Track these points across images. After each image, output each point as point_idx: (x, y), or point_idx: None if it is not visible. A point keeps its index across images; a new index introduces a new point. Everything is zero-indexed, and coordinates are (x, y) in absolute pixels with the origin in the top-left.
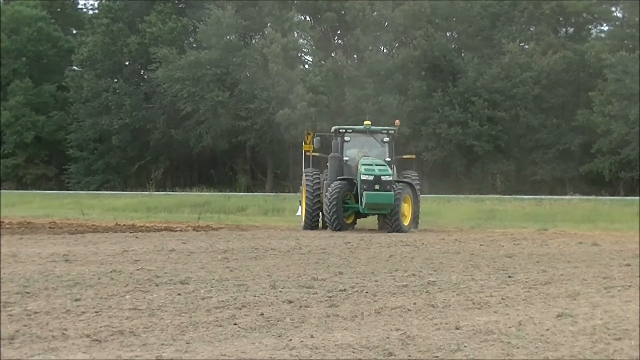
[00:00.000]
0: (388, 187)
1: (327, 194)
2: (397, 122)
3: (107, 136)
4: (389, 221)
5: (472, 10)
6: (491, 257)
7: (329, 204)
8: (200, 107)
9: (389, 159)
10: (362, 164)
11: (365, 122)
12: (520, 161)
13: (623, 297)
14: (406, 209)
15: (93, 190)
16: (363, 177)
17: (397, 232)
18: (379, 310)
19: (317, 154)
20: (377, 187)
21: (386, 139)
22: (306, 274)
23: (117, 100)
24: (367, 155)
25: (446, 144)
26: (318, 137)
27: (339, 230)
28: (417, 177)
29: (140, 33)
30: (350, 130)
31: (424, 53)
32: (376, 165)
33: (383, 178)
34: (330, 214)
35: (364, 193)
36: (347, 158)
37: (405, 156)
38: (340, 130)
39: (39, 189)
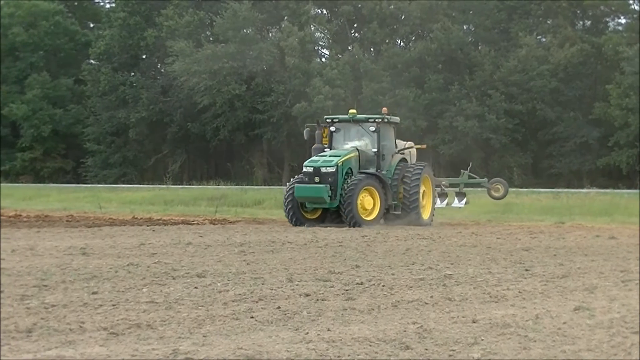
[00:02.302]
0: (330, 179)
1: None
2: (385, 109)
3: (124, 129)
4: (344, 215)
5: (489, 3)
6: (508, 250)
7: (284, 198)
8: (217, 100)
9: (375, 149)
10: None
11: (351, 111)
12: (537, 154)
13: None
14: (368, 202)
15: (110, 184)
16: (304, 169)
17: (354, 227)
18: (396, 303)
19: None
20: (316, 179)
21: (372, 128)
22: (323, 267)
23: (134, 94)
24: (355, 147)
25: (463, 137)
26: (308, 128)
27: (298, 225)
28: (420, 169)
29: (157, 26)
30: (337, 120)
31: (441, 46)
32: (330, 156)
33: (323, 170)
34: (285, 208)
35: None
36: (327, 150)
37: (415, 146)
38: (327, 120)
39: (56, 183)
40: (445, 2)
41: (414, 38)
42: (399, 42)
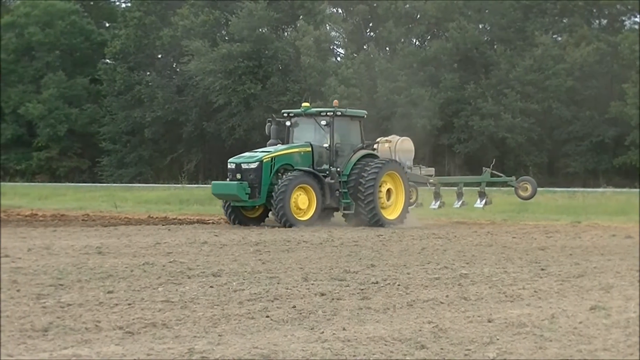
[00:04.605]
0: (251, 176)
1: None
2: (336, 102)
3: (139, 129)
4: (275, 215)
5: (505, 2)
6: (524, 249)
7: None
8: (233, 99)
9: (326, 145)
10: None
11: (304, 104)
12: (553, 153)
13: None
14: (303, 201)
15: (126, 183)
16: (228, 166)
17: (288, 227)
18: (411, 302)
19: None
20: (238, 176)
21: (324, 122)
22: (338, 266)
23: (150, 93)
24: (308, 141)
25: (478, 136)
26: (269, 122)
27: (238, 224)
28: (379, 165)
29: (173, 26)
30: (292, 115)
31: (456, 45)
32: (261, 152)
33: (244, 166)
34: (224, 207)
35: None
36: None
37: (382, 141)
38: (284, 115)
39: (72, 182)
40: (461, 2)
41: (429, 37)
42: (414, 41)
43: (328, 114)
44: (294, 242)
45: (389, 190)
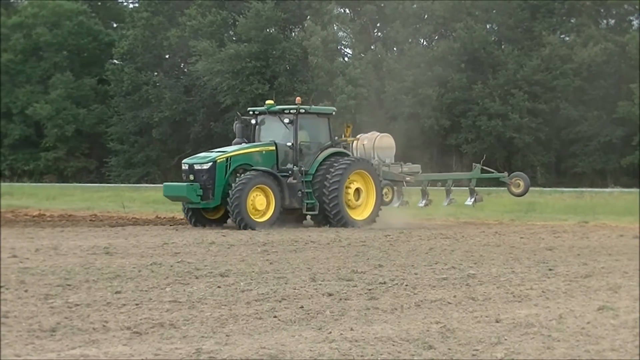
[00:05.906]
0: (204, 177)
1: None
2: (298, 99)
3: (147, 129)
4: (231, 216)
5: (512, 2)
6: (531, 249)
7: None
8: (240, 100)
9: (290, 143)
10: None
11: (268, 102)
12: (560, 153)
13: None
14: (260, 202)
15: (133, 183)
16: (182, 167)
17: (244, 229)
18: (419, 303)
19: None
20: (191, 177)
21: (287, 120)
22: (346, 266)
23: (157, 94)
24: (273, 140)
25: (486, 136)
26: (236, 120)
27: (198, 226)
28: (346, 164)
29: (180, 26)
30: (257, 112)
31: (464, 45)
32: (215, 152)
33: (196, 167)
34: (184, 209)
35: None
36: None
37: (349, 139)
38: (250, 113)
39: (79, 182)
40: (469, 2)
41: (437, 37)
42: (422, 41)
43: (291, 111)
44: (301, 242)
45: (358, 190)
